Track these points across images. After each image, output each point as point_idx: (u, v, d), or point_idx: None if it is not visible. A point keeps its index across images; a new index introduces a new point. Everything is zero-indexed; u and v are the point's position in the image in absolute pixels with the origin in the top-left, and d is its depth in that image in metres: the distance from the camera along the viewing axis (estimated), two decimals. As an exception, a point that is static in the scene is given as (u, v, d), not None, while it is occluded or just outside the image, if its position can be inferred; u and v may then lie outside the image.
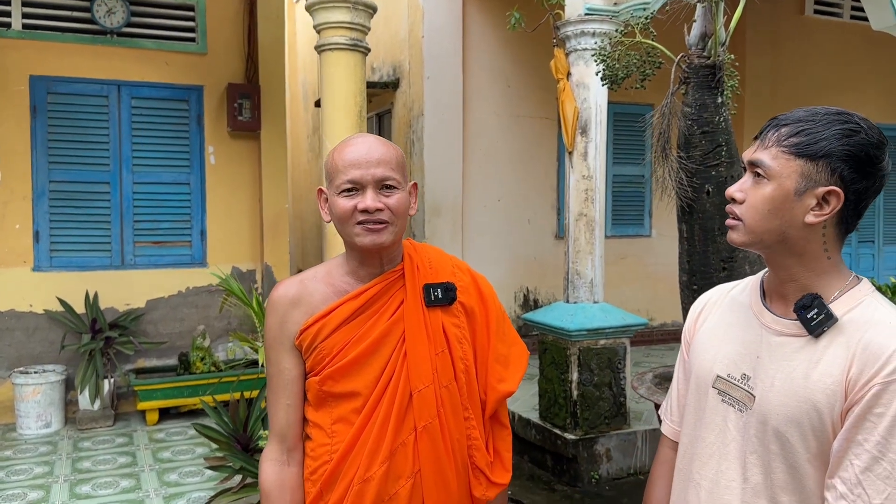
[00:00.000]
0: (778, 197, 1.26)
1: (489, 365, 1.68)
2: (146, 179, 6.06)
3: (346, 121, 4.20)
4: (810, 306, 1.26)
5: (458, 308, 1.67)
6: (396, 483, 1.56)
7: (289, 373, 1.61)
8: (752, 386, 1.31)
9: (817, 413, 1.21)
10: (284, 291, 1.63)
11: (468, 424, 1.64)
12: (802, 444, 1.23)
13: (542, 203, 7.39)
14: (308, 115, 10.38)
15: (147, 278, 6.04)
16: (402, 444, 1.57)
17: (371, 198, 1.53)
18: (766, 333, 1.33)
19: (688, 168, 3.76)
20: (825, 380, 1.21)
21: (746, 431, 1.31)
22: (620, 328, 4.80)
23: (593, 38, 4.69)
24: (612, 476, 4.76)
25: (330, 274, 1.66)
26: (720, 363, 1.39)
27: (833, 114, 1.26)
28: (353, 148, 1.57)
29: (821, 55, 8.54)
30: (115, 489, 4.35)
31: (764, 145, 1.30)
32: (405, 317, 1.61)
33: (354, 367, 1.57)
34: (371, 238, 1.54)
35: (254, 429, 3.83)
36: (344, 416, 1.58)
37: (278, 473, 1.62)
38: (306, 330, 1.58)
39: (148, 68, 6.04)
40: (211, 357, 5.80)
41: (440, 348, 1.62)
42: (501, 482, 1.67)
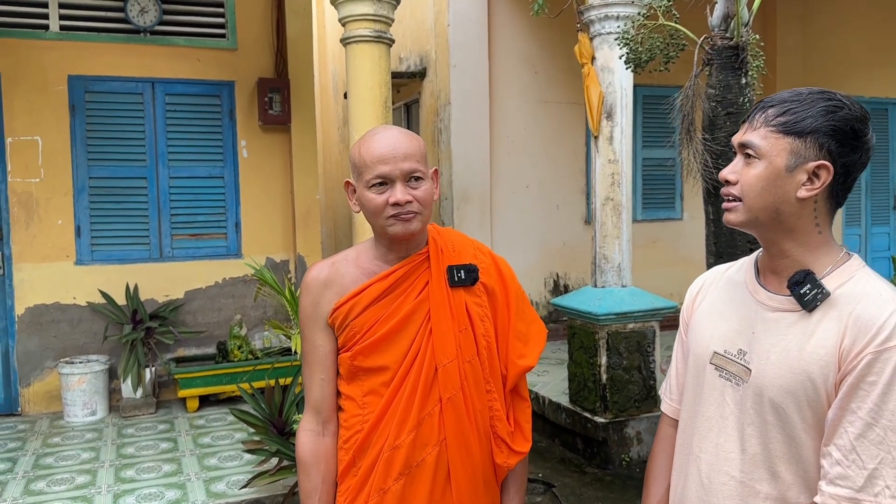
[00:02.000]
0: (770, 174, 1.30)
1: (510, 342, 1.78)
2: (181, 174, 6.21)
3: (372, 112, 4.27)
4: (803, 282, 1.30)
5: (479, 288, 1.76)
6: (423, 450, 1.67)
7: (322, 349, 1.73)
8: (749, 360, 1.36)
9: (812, 384, 1.26)
10: (317, 273, 1.74)
11: (490, 397, 1.74)
12: (798, 415, 1.27)
13: (570, 188, 7.40)
14: (338, 107, 10.49)
15: (185, 270, 6.20)
16: (429, 414, 1.68)
17: (401, 191, 1.62)
18: (760, 309, 1.38)
19: (713, 150, 3.76)
20: (819, 351, 1.26)
21: (743, 404, 1.36)
22: (649, 312, 4.81)
23: (617, 22, 4.69)
24: (642, 458, 4.79)
25: (359, 257, 1.76)
26: (717, 340, 1.44)
27: (816, 93, 1.31)
28: (379, 143, 1.64)
29: (854, 31, 8.37)
30: (157, 473, 4.51)
31: (753, 127, 1.35)
32: (430, 296, 1.71)
33: (383, 344, 1.68)
34: (402, 227, 1.64)
35: (289, 413, 3.95)
36: (374, 389, 1.70)
37: (314, 443, 1.73)
38: (338, 309, 1.70)
39: (180, 65, 6.17)
40: (248, 345, 5.94)
41: (463, 326, 1.71)
42: (522, 450, 1.78)
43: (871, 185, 8.74)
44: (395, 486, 1.66)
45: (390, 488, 1.66)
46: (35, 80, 5.79)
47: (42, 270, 5.85)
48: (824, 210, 1.32)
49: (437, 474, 1.68)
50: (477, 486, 1.72)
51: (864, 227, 8.82)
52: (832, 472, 1.22)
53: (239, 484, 4.23)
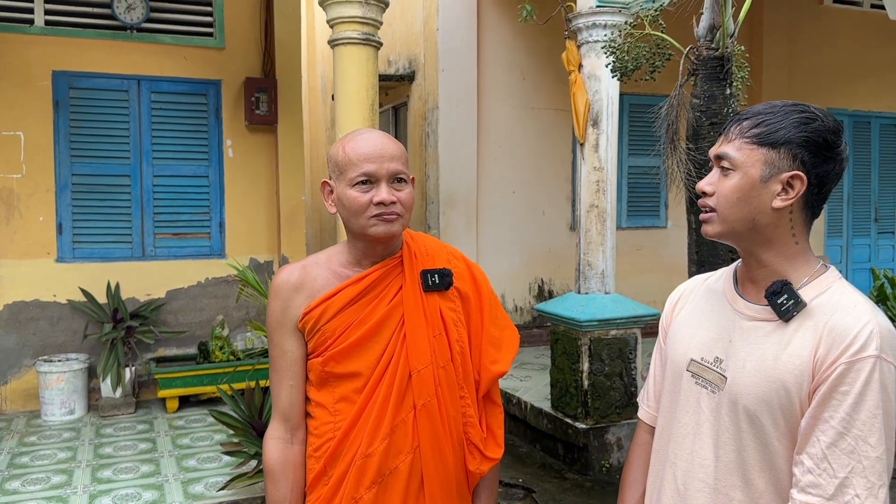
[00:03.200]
0: (745, 185, 1.33)
1: (483, 347, 1.77)
2: (166, 172, 6.18)
3: (359, 114, 4.27)
4: (780, 292, 1.32)
5: (453, 293, 1.75)
6: (397, 458, 1.64)
7: (292, 354, 1.69)
8: (725, 368, 1.38)
9: (786, 393, 1.27)
10: (287, 276, 1.70)
11: (463, 403, 1.73)
12: (772, 423, 1.29)
13: (556, 195, 7.42)
14: (326, 109, 10.47)
15: (167, 269, 6.17)
16: (402, 421, 1.65)
17: (386, 191, 1.61)
18: (738, 318, 1.39)
19: (696, 159, 3.78)
20: (794, 361, 1.27)
21: (719, 412, 1.37)
22: (631, 319, 4.83)
23: (604, 30, 4.71)
24: (622, 465, 4.79)
25: (330, 260, 1.73)
26: (695, 347, 1.46)
27: (790, 105, 1.34)
28: (366, 142, 1.64)
29: (838, 44, 8.47)
30: (135, 474, 4.47)
31: (728, 139, 1.37)
32: (404, 301, 1.69)
33: (356, 349, 1.65)
34: (385, 228, 1.61)
35: (269, 416, 3.92)
36: (346, 396, 1.66)
37: (282, 451, 1.69)
38: (309, 313, 1.66)
39: (167, 63, 6.14)
40: (230, 346, 5.91)
41: (437, 331, 1.70)
42: (494, 457, 1.76)
43: (854, 197, 8.83)
44: (367, 495, 1.63)
45: (363, 497, 1.63)
46: (18, 74, 5.74)
47: (22, 267, 5.79)
48: (800, 220, 1.34)
49: (411, 482, 1.66)
50: (450, 494, 1.70)
51: (845, 238, 8.90)
52: (804, 481, 1.23)
53: (217, 486, 4.20)
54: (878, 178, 8.94)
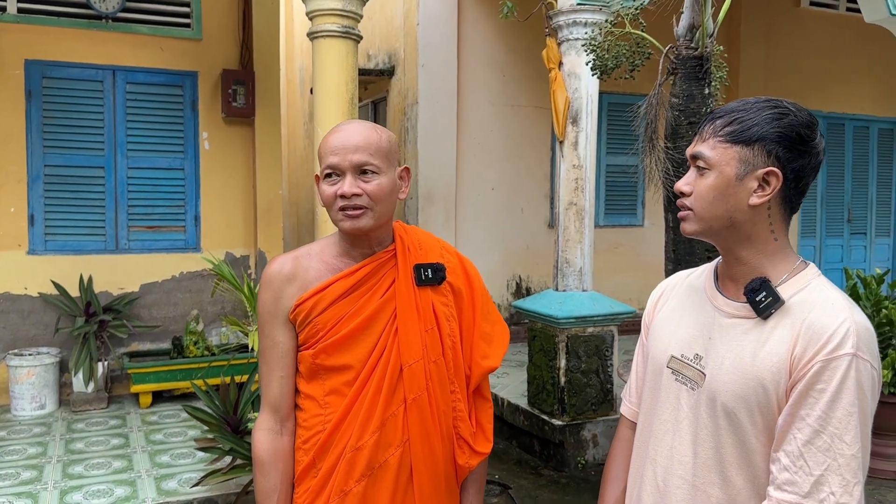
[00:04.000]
0: (721, 184, 1.33)
1: (474, 342, 1.78)
2: (140, 164, 6.09)
3: (338, 108, 4.23)
4: (759, 289, 1.33)
5: (446, 288, 1.75)
6: (386, 451, 1.65)
7: (283, 346, 1.68)
8: (704, 365, 1.38)
9: (764, 390, 1.27)
10: (279, 267, 1.69)
11: (454, 397, 1.74)
12: (750, 421, 1.29)
13: (535, 192, 7.44)
14: (304, 102, 10.39)
15: (141, 263, 6.08)
16: (393, 415, 1.65)
17: (348, 183, 1.59)
18: (718, 315, 1.40)
19: (674, 158, 3.80)
20: (771, 358, 1.28)
21: (697, 409, 1.38)
22: (608, 316, 4.85)
23: (585, 28, 4.72)
24: (598, 461, 4.83)
25: (323, 252, 1.72)
26: (675, 344, 1.47)
27: (763, 101, 1.34)
28: (336, 134, 1.63)
29: (815, 47, 8.56)
30: (107, 470, 4.40)
31: (702, 138, 1.37)
32: (397, 295, 1.69)
33: (348, 342, 1.65)
34: (351, 223, 1.61)
35: (244, 411, 3.89)
36: (336, 388, 1.66)
37: (272, 442, 1.69)
38: (301, 304, 1.65)
39: (143, 54, 6.05)
40: (204, 341, 5.85)
41: (429, 325, 1.70)
42: (483, 451, 1.77)
43: (827, 197, 8.94)
44: (356, 488, 1.64)
45: (352, 490, 1.64)
46: (-10, 62, 5.63)
47: (-8, 259, 5.69)
48: (779, 216, 1.35)
49: (400, 475, 1.66)
50: (439, 487, 1.71)
51: (818, 238, 9.02)
52: (780, 478, 1.24)
53: (191, 482, 4.15)
54: (850, 179, 9.06)
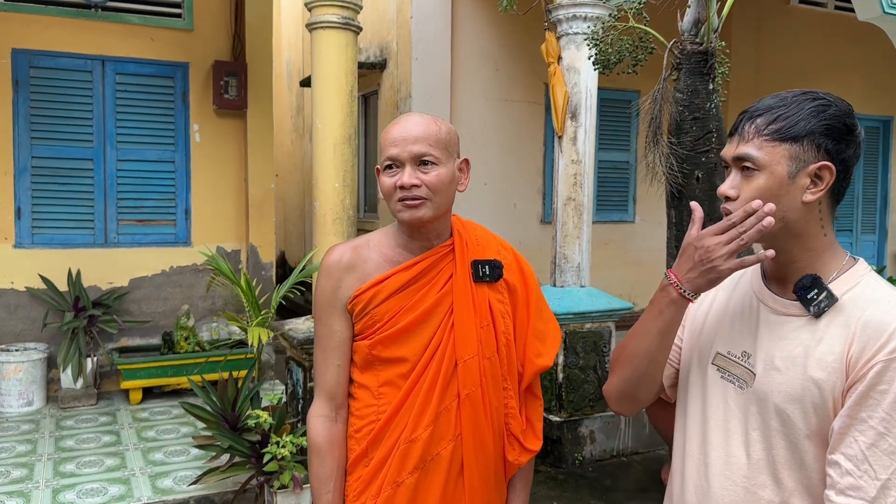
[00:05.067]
0: (773, 185, 1.29)
1: (528, 340, 1.77)
2: (130, 157, 5.99)
3: (337, 101, 4.17)
4: (810, 287, 1.30)
5: (502, 285, 1.75)
6: (439, 444, 1.66)
7: (340, 335, 1.70)
8: (753, 364, 1.35)
9: (818, 390, 1.24)
10: (339, 256, 1.70)
11: (506, 394, 1.74)
12: (803, 421, 1.26)
13: (528, 188, 7.41)
14: (292, 95, 10.29)
15: (131, 257, 5.98)
16: (446, 409, 1.66)
17: (408, 174, 1.59)
18: (766, 312, 1.36)
19: (678, 154, 3.78)
20: (826, 358, 1.25)
21: (747, 408, 1.34)
22: (606, 312, 4.84)
23: (585, 23, 4.69)
24: (595, 457, 4.83)
25: (381, 243, 1.72)
26: (721, 340, 1.43)
27: (800, 94, 1.31)
28: (396, 126, 1.64)
29: (805, 45, 8.60)
30: (99, 468, 4.32)
31: (744, 139, 1.32)
32: (454, 290, 1.69)
33: (404, 335, 1.65)
34: (409, 213, 1.61)
35: (242, 408, 3.83)
36: (391, 380, 1.67)
37: (329, 429, 1.71)
38: (359, 295, 1.66)
39: (133, 44, 5.94)
40: (195, 337, 5.77)
41: (485, 322, 1.70)
42: (533, 448, 1.79)
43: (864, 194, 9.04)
44: (409, 480, 1.65)
45: (404, 481, 1.65)
46: (-24, 51, 5.50)
47: (-23, 252, 5.57)
48: (828, 211, 1.32)
49: (451, 468, 1.67)
50: (488, 482, 1.72)
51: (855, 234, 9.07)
52: (842, 483, 1.20)
53: (186, 480, 4.09)
54: (837, 176, 9.12)
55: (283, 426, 3.68)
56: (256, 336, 3.73)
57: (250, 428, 3.67)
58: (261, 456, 3.59)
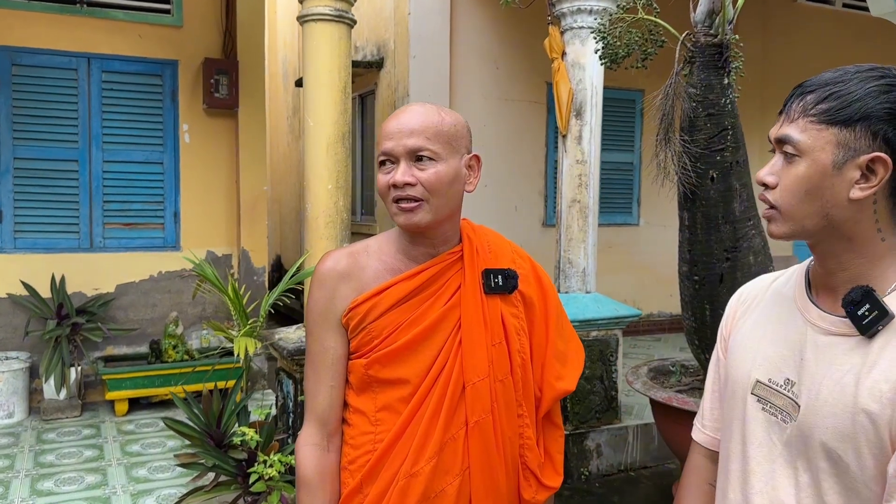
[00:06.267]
0: (814, 174, 1.09)
1: (546, 360, 1.57)
2: (117, 158, 5.77)
3: (330, 98, 3.95)
4: (861, 301, 1.08)
5: (517, 297, 1.55)
6: (444, 480, 1.45)
7: (334, 352, 1.51)
8: (797, 393, 1.13)
9: (873, 426, 1.03)
10: (334, 264, 1.51)
11: (521, 422, 1.53)
12: (857, 464, 1.05)
13: (529, 189, 7.19)
14: (288, 96, 10.08)
15: (117, 262, 5.76)
16: (452, 438, 1.46)
17: (401, 171, 1.41)
18: (811, 332, 1.15)
19: (691, 152, 3.57)
20: (880, 386, 1.03)
21: (791, 447, 1.14)
22: (613, 319, 4.62)
23: (591, 16, 4.48)
24: (602, 472, 4.61)
25: (381, 249, 1.54)
26: (760, 366, 1.22)
27: (865, 70, 1.09)
28: (393, 117, 1.46)
29: (811, 42, 8.40)
30: (79, 485, 4.10)
31: (790, 118, 1.13)
32: (462, 303, 1.49)
33: (405, 353, 1.46)
34: (404, 217, 1.43)
35: (228, 424, 3.60)
36: (390, 405, 1.47)
37: (319, 459, 1.51)
38: (356, 307, 1.48)
39: (120, 41, 5.73)
40: (184, 345, 5.54)
41: (497, 339, 1.50)
42: (552, 485, 1.57)
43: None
44: None
45: None
46: (-46, 48, 5.28)
47: (-44, 258, 5.34)
48: (886, 211, 1.09)
49: None
50: None
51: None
52: None
53: (170, 499, 3.86)
54: (846, 178, 8.92)
55: (271, 444, 3.45)
56: (243, 347, 3.50)
57: (236, 445, 3.44)
58: (247, 475, 3.36)
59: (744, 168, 3.64)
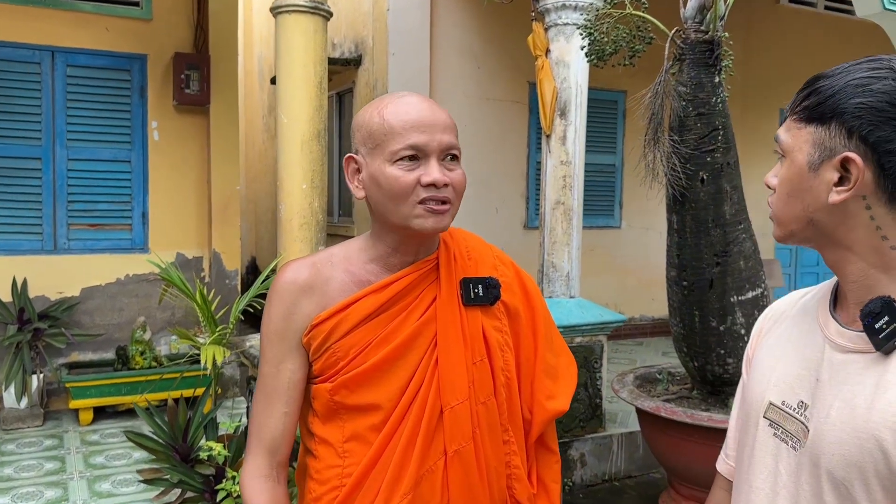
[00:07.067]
0: (793, 176, 1.02)
1: (536, 378, 1.41)
2: (82, 156, 5.54)
3: (305, 93, 3.77)
4: (880, 313, 0.95)
5: (500, 308, 1.40)
6: None
7: (291, 375, 1.34)
8: (808, 417, 1.01)
9: (883, 455, 0.90)
10: (293, 276, 1.34)
11: (507, 449, 1.37)
12: (866, 497, 0.92)
13: (511, 191, 7.05)
14: (264, 93, 9.85)
15: (82, 264, 5.53)
16: (430, 470, 1.30)
17: (437, 169, 1.25)
18: (829, 349, 1.03)
19: (681, 153, 3.44)
20: (892, 410, 0.91)
21: (798, 476, 1.02)
22: (598, 325, 4.48)
23: (576, 12, 4.34)
24: (586, 483, 4.47)
25: (349, 259, 1.37)
26: (775, 387, 1.10)
27: (861, 62, 0.99)
28: (412, 106, 1.28)
29: (793, 44, 8.36)
30: (38, 501, 3.88)
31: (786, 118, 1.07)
32: (438, 316, 1.33)
33: (375, 375, 1.30)
34: (434, 221, 1.27)
35: (195, 437, 3.41)
36: (359, 434, 1.31)
37: (272, 492, 1.34)
38: (319, 325, 1.31)
39: (86, 34, 5.50)
40: (152, 351, 5.32)
41: (479, 356, 1.35)
42: None
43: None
44: None
45: None
46: None
47: (-90, 260, 5.08)
48: (887, 214, 0.97)
49: None
50: None
51: (795, 241, 8.81)
52: None
53: (134, 515, 3.66)
54: (827, 181, 8.89)
55: (240, 458, 3.26)
56: (210, 356, 3.31)
57: (203, 460, 3.25)
58: (215, 492, 3.17)
59: (735, 170, 3.53)
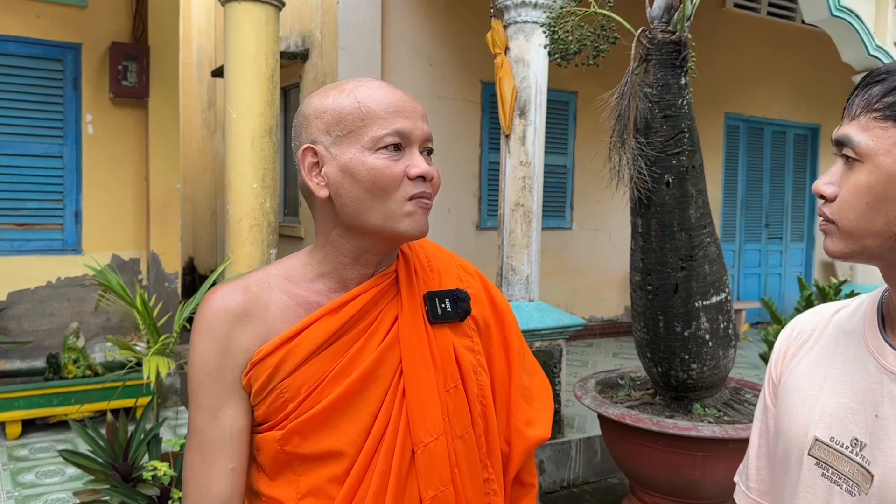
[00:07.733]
0: (877, 183, 0.88)
1: (512, 402, 1.24)
2: (9, 151, 5.19)
3: (255, 87, 3.57)
4: None
5: (470, 325, 1.21)
6: None
7: (233, 423, 1.09)
8: (869, 459, 0.90)
9: None
10: (223, 303, 1.09)
11: (488, 488, 1.18)
12: None
13: (463, 191, 6.93)
14: (203, 88, 9.50)
15: (9, 266, 5.17)
16: None
17: (423, 160, 1.08)
18: (887, 380, 0.92)
19: (647, 155, 3.37)
20: None
21: None
22: (557, 329, 4.40)
23: (536, 10, 4.24)
24: (545, 490, 4.38)
25: (290, 278, 1.14)
26: (820, 421, 0.98)
27: None
28: (389, 89, 1.09)
29: (738, 49, 8.49)
30: (-41, 525, 3.57)
31: (851, 115, 0.92)
32: (402, 339, 1.13)
33: (334, 416, 1.08)
34: (424, 221, 1.09)
35: (137, 454, 3.17)
36: (318, 488, 1.08)
37: None
38: (262, 361, 1.07)
39: (14, 20, 5.15)
40: (86, 359, 5.00)
41: (452, 382, 1.15)
42: None
43: (746, 202, 8.89)
44: None
45: None
46: None
47: None
48: None
49: None
50: None
51: (738, 243, 8.97)
52: None
53: (68, 539, 3.39)
54: (769, 184, 9.07)
55: (187, 477, 3.04)
56: (154, 368, 3.08)
57: (147, 480, 3.02)
58: (160, 514, 2.95)
59: (700, 173, 3.48)
